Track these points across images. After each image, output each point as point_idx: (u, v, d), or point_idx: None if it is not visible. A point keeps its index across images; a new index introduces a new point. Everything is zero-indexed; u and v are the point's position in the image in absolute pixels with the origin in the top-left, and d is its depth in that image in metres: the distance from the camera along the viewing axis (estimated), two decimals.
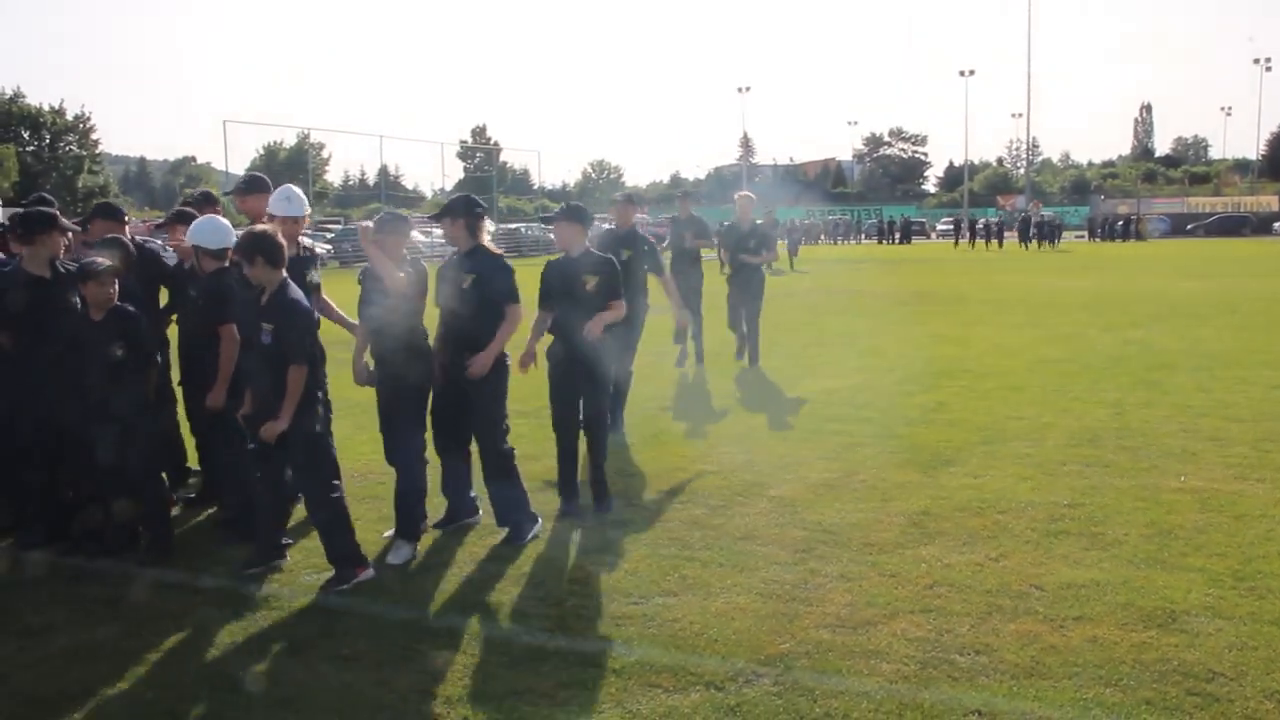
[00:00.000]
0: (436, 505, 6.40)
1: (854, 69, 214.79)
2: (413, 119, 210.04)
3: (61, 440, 6.12)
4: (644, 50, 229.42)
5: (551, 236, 8.16)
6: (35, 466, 6.15)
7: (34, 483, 6.18)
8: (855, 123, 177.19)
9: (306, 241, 6.75)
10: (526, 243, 49.67)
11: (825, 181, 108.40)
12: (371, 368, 6.11)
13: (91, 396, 5.88)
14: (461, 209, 6.18)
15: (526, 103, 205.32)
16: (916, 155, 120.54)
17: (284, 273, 5.54)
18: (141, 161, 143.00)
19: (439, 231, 6.53)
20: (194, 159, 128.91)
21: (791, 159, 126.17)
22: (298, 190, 6.78)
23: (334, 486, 5.64)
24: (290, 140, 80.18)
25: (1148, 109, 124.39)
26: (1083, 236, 61.00)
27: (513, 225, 56.47)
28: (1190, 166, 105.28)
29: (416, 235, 40.39)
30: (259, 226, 5.81)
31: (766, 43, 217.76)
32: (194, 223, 6.39)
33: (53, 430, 6.09)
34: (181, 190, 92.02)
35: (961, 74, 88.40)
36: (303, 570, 5.71)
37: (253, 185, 7.06)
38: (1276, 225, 65.99)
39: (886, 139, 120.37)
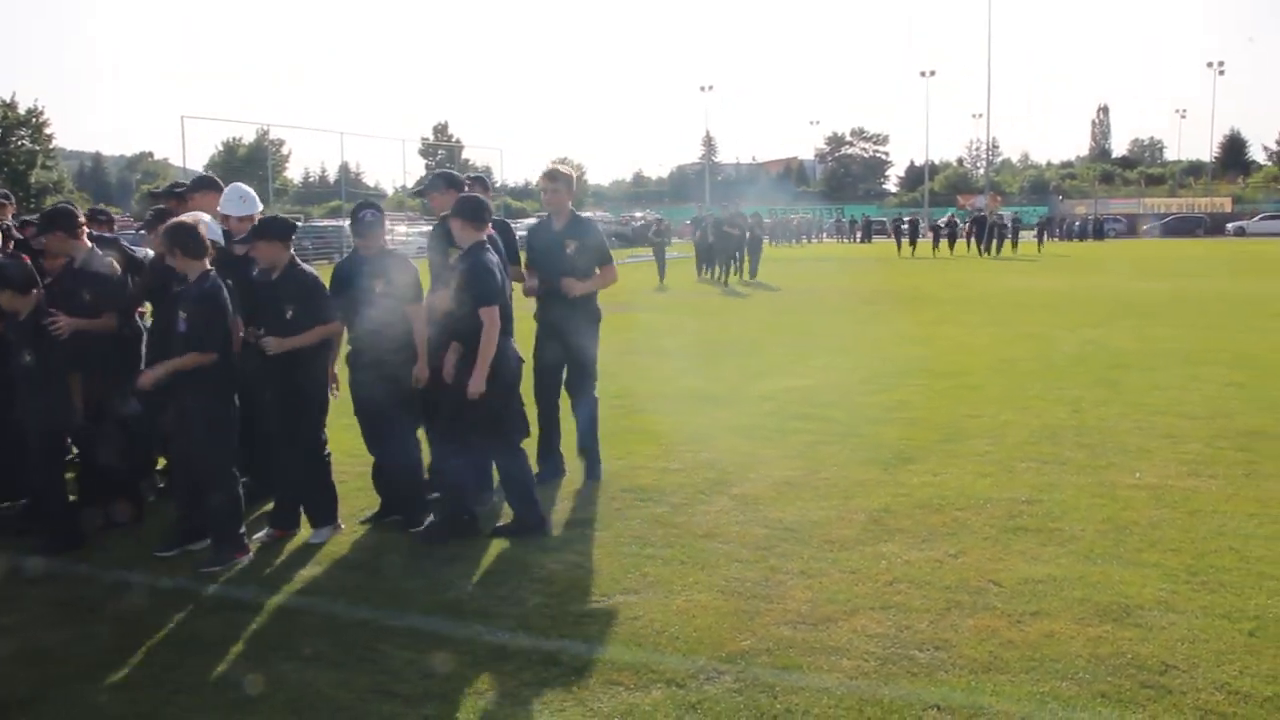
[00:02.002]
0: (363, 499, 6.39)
1: (816, 68, 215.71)
2: (374, 116, 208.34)
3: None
4: (607, 48, 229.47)
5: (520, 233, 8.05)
6: None
7: None
8: (817, 122, 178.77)
9: None
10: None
11: (789, 180, 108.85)
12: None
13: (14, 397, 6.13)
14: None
15: (489, 100, 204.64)
16: (878, 155, 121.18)
17: (206, 263, 5.82)
18: (97, 157, 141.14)
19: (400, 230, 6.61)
20: (151, 155, 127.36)
21: (754, 158, 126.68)
22: (248, 189, 6.96)
23: (233, 472, 5.85)
24: (249, 136, 79.36)
25: (1105, 110, 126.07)
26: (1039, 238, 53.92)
27: None
28: (1146, 168, 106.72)
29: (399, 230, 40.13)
30: (184, 218, 6.01)
31: (729, 42, 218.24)
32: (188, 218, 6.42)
33: None
34: (138, 186, 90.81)
35: (922, 74, 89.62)
36: (262, 570, 5.67)
37: (201, 184, 7.31)
38: (1229, 226, 67.12)
39: (848, 138, 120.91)
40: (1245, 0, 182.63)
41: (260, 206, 6.93)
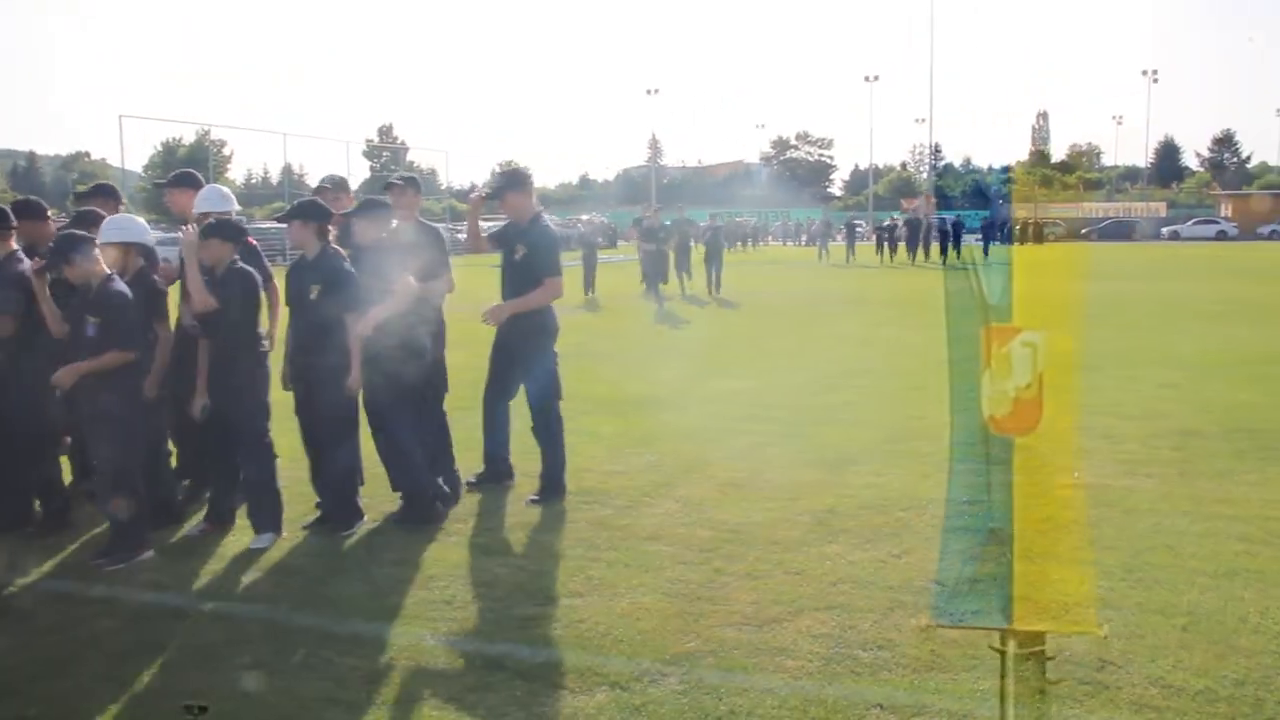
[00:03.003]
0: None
1: (761, 73, 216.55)
2: (318, 117, 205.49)
3: None
4: (553, 51, 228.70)
5: (460, 236, 7.96)
6: None
7: None
8: (763, 126, 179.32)
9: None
10: None
11: (734, 184, 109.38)
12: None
13: None
14: (312, 212, 6.31)
15: (435, 102, 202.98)
16: (823, 159, 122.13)
17: (105, 268, 5.82)
18: (31, 156, 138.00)
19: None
20: (88, 154, 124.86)
21: (700, 161, 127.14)
22: (225, 189, 7.04)
23: (136, 470, 5.81)
24: (190, 137, 78.12)
25: (1044, 116, 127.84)
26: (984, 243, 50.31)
27: None
28: (1084, 173, 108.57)
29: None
30: (71, 230, 6.03)
31: (675, 46, 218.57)
32: (112, 220, 6.36)
33: None
34: (74, 186, 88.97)
35: (866, 79, 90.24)
36: (202, 577, 5.58)
37: (181, 180, 7.26)
38: (1164, 230, 68.56)
39: (793, 142, 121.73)
40: (1179, 10, 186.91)
41: (236, 205, 6.97)
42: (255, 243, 6.90)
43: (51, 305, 6.06)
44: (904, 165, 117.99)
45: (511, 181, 6.90)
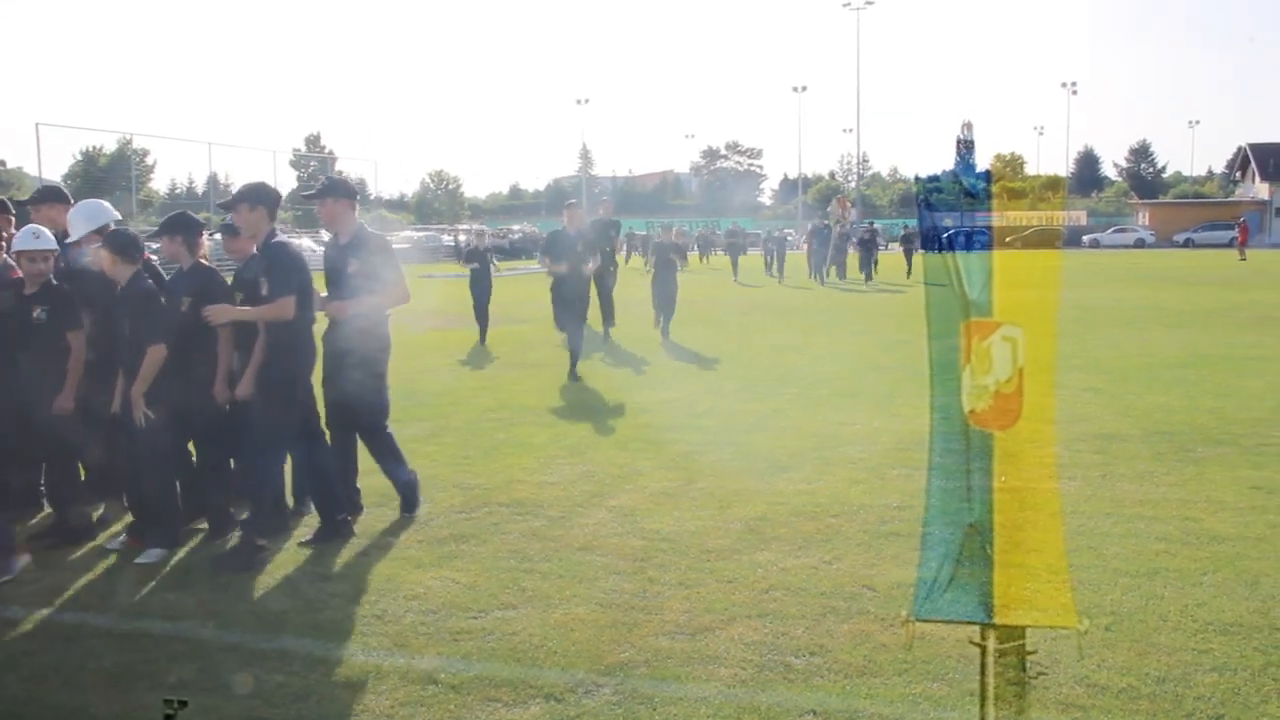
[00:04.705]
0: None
1: (691, 83, 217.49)
2: (243, 125, 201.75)
3: None
4: (482, 60, 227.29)
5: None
6: None
7: None
8: (693, 136, 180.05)
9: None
10: None
11: (664, 193, 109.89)
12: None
13: None
14: (181, 225, 6.30)
15: (363, 111, 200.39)
16: (753, 168, 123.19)
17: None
18: None
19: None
20: (3, 163, 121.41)
21: (630, 171, 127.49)
22: (95, 204, 6.78)
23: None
24: (111, 145, 76.34)
25: (969, 126, 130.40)
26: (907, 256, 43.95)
27: None
28: (1008, 182, 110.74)
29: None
30: None
31: (604, 56, 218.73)
32: (21, 231, 6.28)
33: None
34: None
35: (795, 89, 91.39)
36: (124, 594, 5.45)
37: (48, 196, 7.07)
38: (1084, 238, 70.33)
39: (723, 152, 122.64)
40: (1097, 23, 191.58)
41: (109, 218, 6.63)
42: (150, 255, 6.72)
43: None
44: (832, 174, 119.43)
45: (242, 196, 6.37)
